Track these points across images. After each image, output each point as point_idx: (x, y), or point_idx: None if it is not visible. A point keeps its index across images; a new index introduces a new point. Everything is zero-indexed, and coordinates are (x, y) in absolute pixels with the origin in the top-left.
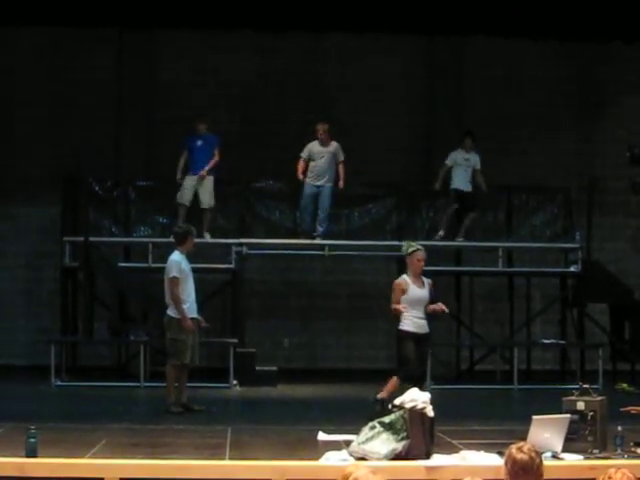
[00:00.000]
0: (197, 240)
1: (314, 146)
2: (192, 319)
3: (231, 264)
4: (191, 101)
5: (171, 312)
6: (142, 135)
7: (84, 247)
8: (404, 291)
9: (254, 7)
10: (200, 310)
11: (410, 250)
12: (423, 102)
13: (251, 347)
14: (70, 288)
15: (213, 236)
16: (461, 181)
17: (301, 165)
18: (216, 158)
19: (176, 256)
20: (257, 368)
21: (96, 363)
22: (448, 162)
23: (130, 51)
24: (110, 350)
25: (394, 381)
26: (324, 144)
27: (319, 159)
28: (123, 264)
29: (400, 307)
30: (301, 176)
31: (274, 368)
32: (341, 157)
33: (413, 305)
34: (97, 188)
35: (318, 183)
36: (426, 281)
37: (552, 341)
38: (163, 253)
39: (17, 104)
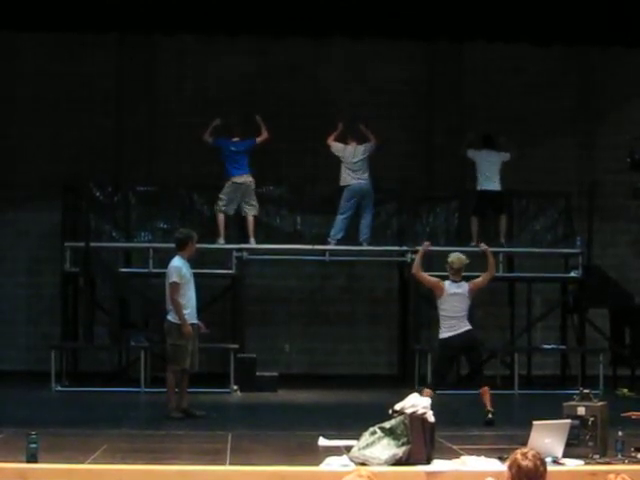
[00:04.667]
0: (199, 245)
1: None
2: (192, 325)
3: (231, 269)
4: (192, 106)
5: (171, 318)
6: (143, 140)
7: (85, 252)
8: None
9: (254, 12)
10: (200, 315)
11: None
12: (423, 107)
13: (251, 352)
14: (70, 293)
15: (213, 241)
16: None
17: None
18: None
19: (177, 261)
20: (257, 373)
21: (96, 368)
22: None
23: (130, 56)
24: (110, 355)
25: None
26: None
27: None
28: (124, 269)
29: None
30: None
31: (275, 374)
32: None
33: None
34: (97, 193)
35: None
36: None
37: (553, 346)
38: (164, 258)
39: (17, 109)
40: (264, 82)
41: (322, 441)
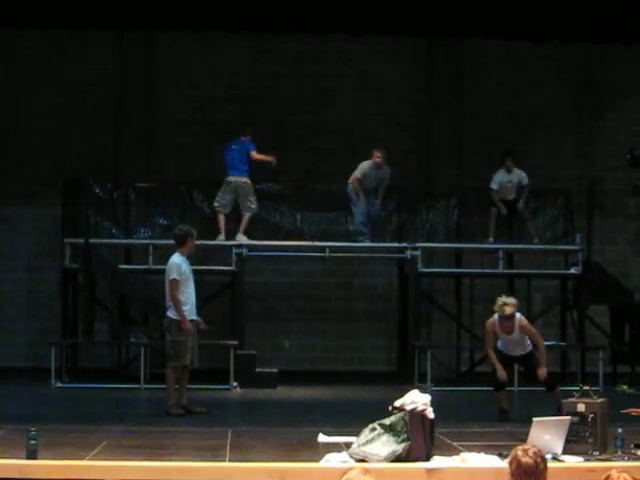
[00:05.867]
0: (198, 242)
1: (370, 170)
2: (191, 321)
3: (231, 266)
4: (191, 103)
5: (171, 314)
6: (142, 137)
7: (84, 249)
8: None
9: (254, 9)
10: (200, 312)
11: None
12: (423, 104)
13: (251, 349)
14: (70, 290)
15: (212, 238)
16: (507, 195)
17: (358, 186)
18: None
19: (176, 258)
20: (257, 370)
21: (96, 365)
22: (495, 186)
23: (130, 53)
24: (110, 352)
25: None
26: (379, 169)
27: (370, 182)
28: (123, 266)
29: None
30: (362, 198)
31: (274, 370)
32: (386, 182)
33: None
34: (97, 190)
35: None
36: (517, 322)
37: (552, 343)
38: (163, 255)
39: (18, 106)
40: (264, 79)
41: (322, 437)
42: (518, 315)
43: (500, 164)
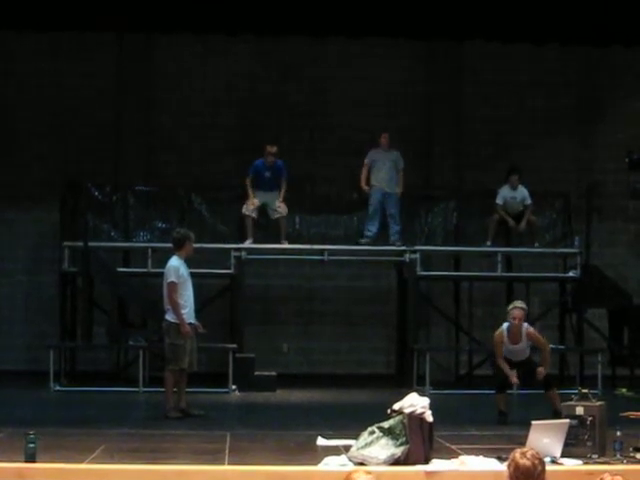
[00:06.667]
0: (197, 245)
1: (376, 153)
2: (190, 324)
3: (230, 269)
4: (191, 106)
5: (169, 317)
6: (141, 140)
7: (83, 252)
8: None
9: (254, 11)
10: (199, 315)
11: (509, 308)
12: (422, 107)
13: (250, 352)
14: (69, 293)
15: (211, 241)
16: (511, 211)
17: (364, 174)
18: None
19: (174, 261)
20: (256, 373)
21: (95, 368)
22: (500, 201)
23: (130, 56)
24: (109, 355)
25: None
26: (386, 152)
27: (381, 166)
28: (122, 269)
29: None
30: (365, 187)
31: (273, 373)
32: (401, 164)
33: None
34: (96, 193)
35: (386, 190)
36: (524, 331)
37: (551, 346)
38: (162, 258)
39: (16, 109)
40: (263, 81)
41: (320, 441)
42: (525, 325)
43: (505, 180)
